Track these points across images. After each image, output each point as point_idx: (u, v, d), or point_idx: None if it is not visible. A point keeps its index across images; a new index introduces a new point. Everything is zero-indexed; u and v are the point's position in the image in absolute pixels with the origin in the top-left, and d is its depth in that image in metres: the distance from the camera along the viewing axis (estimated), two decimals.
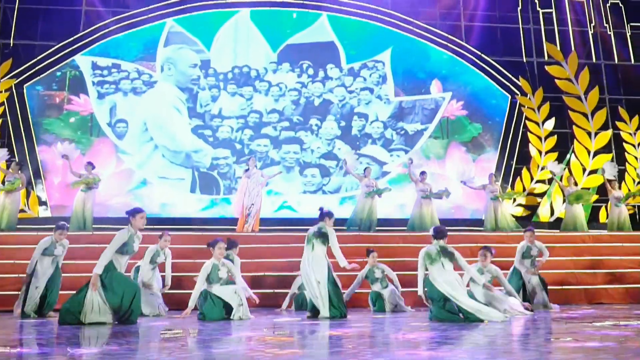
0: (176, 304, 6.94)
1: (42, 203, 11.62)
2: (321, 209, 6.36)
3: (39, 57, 12.15)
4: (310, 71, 12.86)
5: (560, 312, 6.45)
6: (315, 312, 5.89)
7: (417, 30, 13.29)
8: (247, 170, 10.30)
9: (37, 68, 12.10)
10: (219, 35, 12.77)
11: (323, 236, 6.10)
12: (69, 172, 9.91)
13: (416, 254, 8.87)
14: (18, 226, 9.70)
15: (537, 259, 7.57)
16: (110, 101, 12.23)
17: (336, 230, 9.76)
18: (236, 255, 7.18)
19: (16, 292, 7.08)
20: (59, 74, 12.22)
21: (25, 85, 12.01)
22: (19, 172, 10.24)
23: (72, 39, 12.29)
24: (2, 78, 11.87)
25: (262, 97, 12.62)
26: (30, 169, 11.46)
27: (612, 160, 13.29)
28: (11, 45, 12.48)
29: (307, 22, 13.08)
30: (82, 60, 12.31)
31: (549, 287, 8.06)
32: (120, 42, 12.48)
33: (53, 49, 12.21)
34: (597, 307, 7.56)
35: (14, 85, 11.89)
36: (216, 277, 5.76)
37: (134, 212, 5.28)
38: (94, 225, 9.81)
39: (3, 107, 11.83)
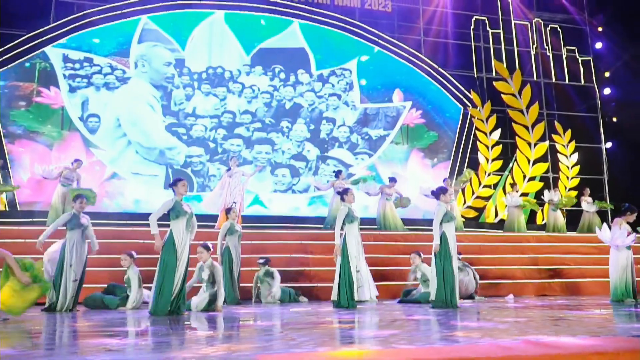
0: None
1: (9, 197, 11.39)
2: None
3: (5, 47, 11.86)
4: (282, 75, 13.42)
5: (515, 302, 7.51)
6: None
7: (381, 42, 14.22)
8: (228, 169, 10.79)
9: (4, 58, 11.80)
10: (194, 36, 13.02)
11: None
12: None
13: (385, 250, 9.91)
14: None
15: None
16: (82, 95, 12.16)
17: (314, 228, 10.52)
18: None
19: None
20: (28, 64, 11.98)
21: None
22: None
23: (43, 29, 12.10)
24: None
25: (236, 98, 13.04)
26: None
27: (547, 171, 14.98)
28: None
29: (279, 28, 13.62)
30: (53, 53, 12.14)
31: (503, 281, 9.36)
32: (93, 35, 12.42)
33: (22, 38, 11.95)
34: (543, 298, 8.77)
35: None
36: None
37: (176, 181, 5.86)
38: None
39: None
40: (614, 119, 15.85)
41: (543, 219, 14.05)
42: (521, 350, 2.16)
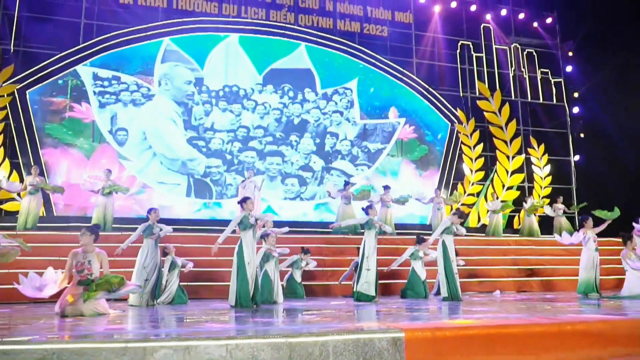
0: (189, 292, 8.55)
1: (46, 203, 12.45)
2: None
3: (40, 65, 12.89)
4: (291, 94, 14.84)
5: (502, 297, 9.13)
6: None
7: (378, 64, 15.77)
8: (243, 180, 12.17)
9: (39, 75, 12.84)
10: (212, 56, 14.31)
11: None
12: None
13: (384, 252, 11.42)
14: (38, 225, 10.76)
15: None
16: (111, 110, 13.31)
17: (323, 232, 11.97)
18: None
19: None
20: (61, 82, 13.06)
21: (27, 91, 12.74)
22: (39, 175, 11.29)
23: (74, 49, 13.19)
24: (4, 83, 12.53)
25: (250, 114, 14.39)
26: None
27: (523, 181, 16.78)
28: (12, 51, 13.08)
29: (288, 50, 15.03)
30: (84, 71, 13.25)
31: (488, 279, 10.96)
32: (120, 55, 13.57)
33: (55, 57, 13.02)
34: (524, 293, 10.42)
35: (16, 91, 12.59)
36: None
37: (245, 199, 7.11)
38: (113, 225, 11.12)
39: (5, 110, 12.50)
40: (582, 135, 17.79)
41: (519, 224, 15.82)
42: (538, 321, 3.66)
